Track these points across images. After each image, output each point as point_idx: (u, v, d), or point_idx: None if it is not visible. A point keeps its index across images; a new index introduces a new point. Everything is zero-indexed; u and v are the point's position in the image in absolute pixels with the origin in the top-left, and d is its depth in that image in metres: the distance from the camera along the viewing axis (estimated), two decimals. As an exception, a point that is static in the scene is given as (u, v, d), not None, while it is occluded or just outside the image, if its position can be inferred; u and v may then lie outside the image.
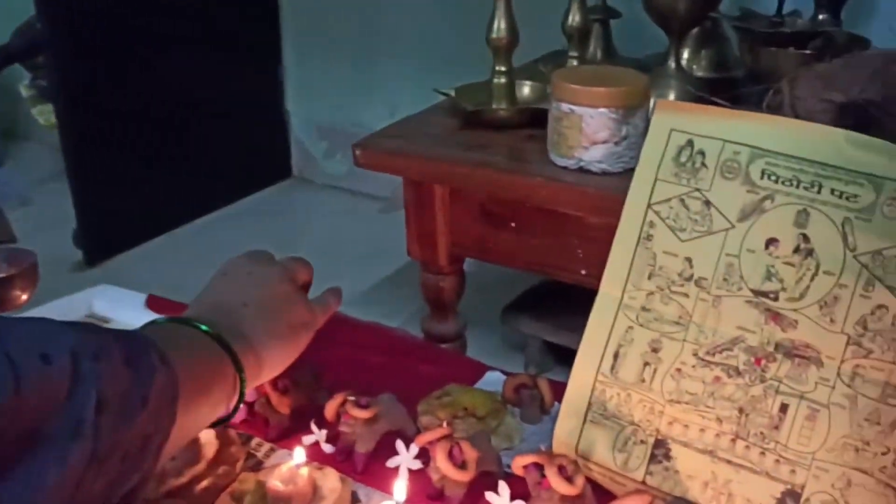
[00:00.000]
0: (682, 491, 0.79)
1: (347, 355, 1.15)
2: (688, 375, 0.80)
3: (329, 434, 0.93)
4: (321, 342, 1.23)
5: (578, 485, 0.77)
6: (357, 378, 1.08)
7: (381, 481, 0.87)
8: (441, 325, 1.40)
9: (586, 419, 0.86)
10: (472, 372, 1.11)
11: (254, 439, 0.94)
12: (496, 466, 0.87)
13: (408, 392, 0.98)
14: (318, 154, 3.13)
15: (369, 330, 1.27)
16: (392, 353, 1.17)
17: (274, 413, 0.94)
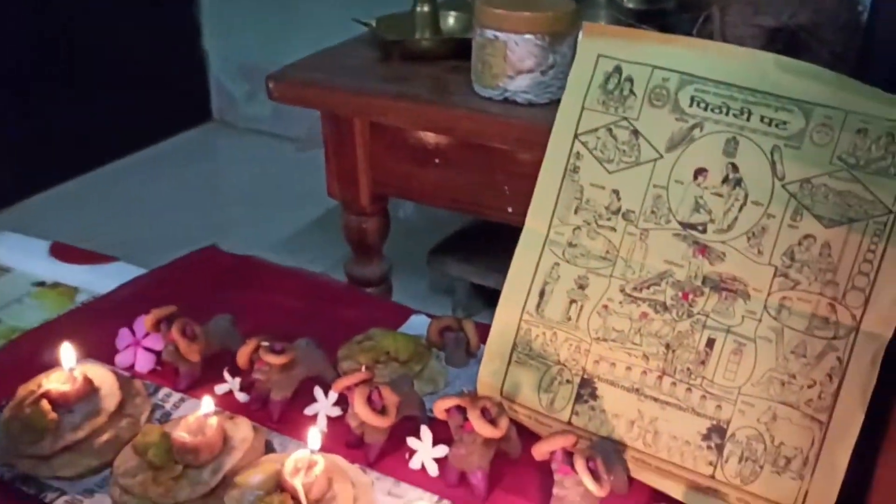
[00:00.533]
0: (609, 430, 0.79)
1: (266, 301, 1.12)
2: (615, 312, 0.79)
3: (243, 382, 0.89)
4: (238, 288, 1.19)
5: (502, 427, 0.75)
6: (276, 324, 1.04)
7: (299, 430, 0.84)
8: (365, 268, 1.36)
9: (511, 360, 0.84)
10: (396, 316, 1.09)
11: (162, 390, 0.90)
12: (419, 411, 0.85)
13: (329, 338, 0.95)
14: (239, 95, 3.02)
15: (289, 275, 1.22)
16: (313, 298, 1.14)
17: (183, 362, 0.90)
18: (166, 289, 1.15)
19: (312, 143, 1.51)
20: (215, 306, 1.03)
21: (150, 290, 1.15)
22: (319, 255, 1.80)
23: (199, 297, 1.10)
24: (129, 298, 1.12)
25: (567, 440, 0.71)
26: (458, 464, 0.77)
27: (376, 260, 1.37)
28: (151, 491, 0.72)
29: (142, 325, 0.95)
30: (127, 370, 0.94)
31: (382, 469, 0.80)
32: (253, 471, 0.73)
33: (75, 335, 0.91)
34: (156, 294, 1.12)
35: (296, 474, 0.71)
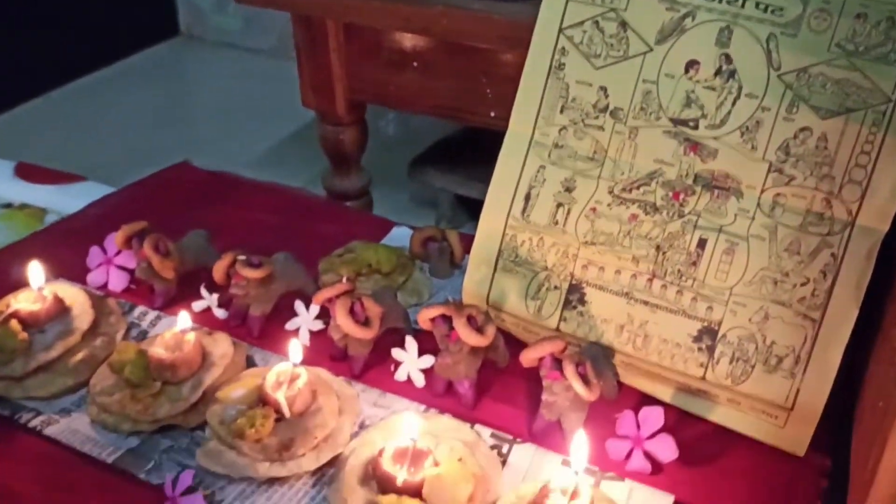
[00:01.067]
0: (597, 335, 0.78)
1: (242, 218, 1.10)
2: (603, 215, 0.77)
3: (221, 298, 0.88)
4: (213, 205, 1.16)
5: (489, 335, 0.74)
6: (253, 240, 1.02)
7: (280, 345, 0.82)
8: (343, 181, 1.33)
9: (497, 268, 0.83)
10: (377, 229, 1.07)
11: (137, 308, 0.88)
12: (403, 323, 0.84)
13: (309, 252, 0.94)
14: (206, 7, 2.91)
15: (265, 190, 1.20)
16: (290, 213, 1.12)
17: (158, 279, 0.88)
18: (138, 207, 1.12)
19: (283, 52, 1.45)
20: (189, 224, 1.01)
21: (121, 209, 1.12)
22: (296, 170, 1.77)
23: (172, 215, 1.07)
24: (99, 217, 1.09)
25: (556, 345, 0.70)
26: (445, 374, 0.76)
27: (355, 172, 1.34)
28: (130, 408, 0.72)
29: (113, 242, 0.93)
30: (100, 289, 0.92)
31: (367, 381, 0.79)
32: (234, 385, 0.72)
33: (44, 255, 0.88)
34: (127, 212, 1.09)
35: (278, 387, 0.70)
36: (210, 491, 0.66)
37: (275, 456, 0.67)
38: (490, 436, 0.73)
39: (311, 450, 0.68)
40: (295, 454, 0.67)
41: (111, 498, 0.67)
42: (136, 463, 0.69)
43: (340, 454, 0.69)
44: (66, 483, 0.69)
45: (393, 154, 1.76)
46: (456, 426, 0.72)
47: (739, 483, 0.69)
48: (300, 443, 0.68)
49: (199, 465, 0.68)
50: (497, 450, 0.71)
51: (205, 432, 0.71)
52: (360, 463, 0.67)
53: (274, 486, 0.67)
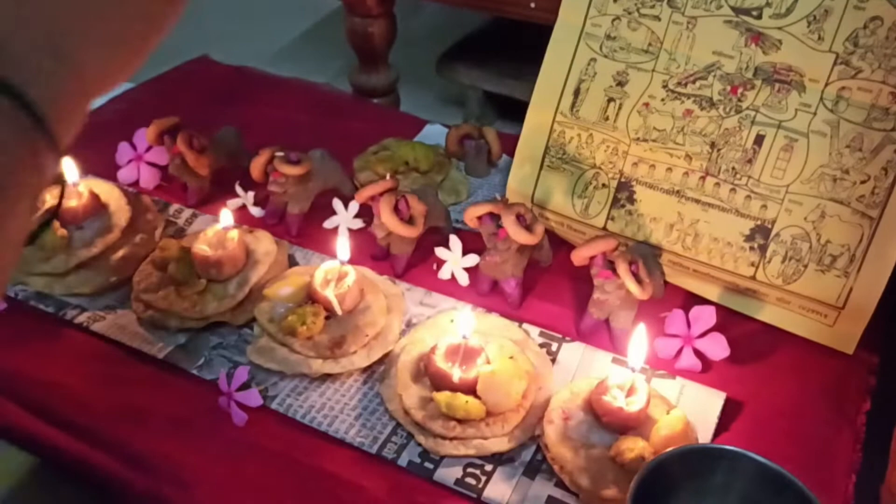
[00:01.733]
0: (646, 235, 0.77)
1: (268, 115, 1.08)
2: (656, 110, 0.75)
3: (257, 196, 0.88)
4: (237, 101, 1.14)
5: (538, 233, 0.74)
6: (282, 138, 1.00)
7: (319, 244, 0.84)
8: (371, 76, 1.30)
9: (543, 165, 0.82)
10: (408, 127, 1.06)
11: (172, 206, 0.88)
12: (444, 222, 0.83)
13: (340, 150, 0.92)
14: None
15: (291, 86, 1.17)
16: (319, 109, 1.10)
17: (192, 176, 0.87)
18: (160, 102, 1.10)
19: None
20: (214, 120, 0.99)
21: (144, 104, 1.10)
22: (316, 66, 1.72)
23: (195, 111, 1.05)
24: (121, 113, 1.07)
25: (608, 244, 0.70)
26: (491, 272, 0.76)
27: (383, 68, 1.31)
28: (176, 305, 0.72)
29: (142, 138, 0.92)
30: (131, 187, 0.91)
31: (410, 280, 0.80)
32: (281, 283, 0.73)
33: (71, 151, 0.87)
34: (150, 107, 1.08)
35: (327, 285, 0.70)
36: (263, 387, 0.67)
37: (326, 353, 0.68)
38: (538, 334, 0.73)
39: (361, 347, 0.69)
40: (346, 351, 0.68)
41: (165, 392, 0.68)
42: (187, 359, 0.70)
43: (391, 352, 0.70)
44: (117, 378, 0.70)
45: (418, 51, 1.71)
46: (504, 325, 0.73)
47: (789, 380, 0.70)
48: (351, 340, 0.69)
49: (251, 361, 0.68)
50: (546, 348, 0.72)
51: (252, 330, 0.72)
52: (411, 360, 0.68)
53: (326, 382, 0.68)
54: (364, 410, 0.66)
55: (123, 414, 0.66)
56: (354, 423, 0.65)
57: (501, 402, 0.63)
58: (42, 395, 0.68)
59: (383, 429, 0.65)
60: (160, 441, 0.64)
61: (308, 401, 0.67)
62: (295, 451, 0.64)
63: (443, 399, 0.63)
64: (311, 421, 0.65)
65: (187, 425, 0.66)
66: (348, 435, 0.64)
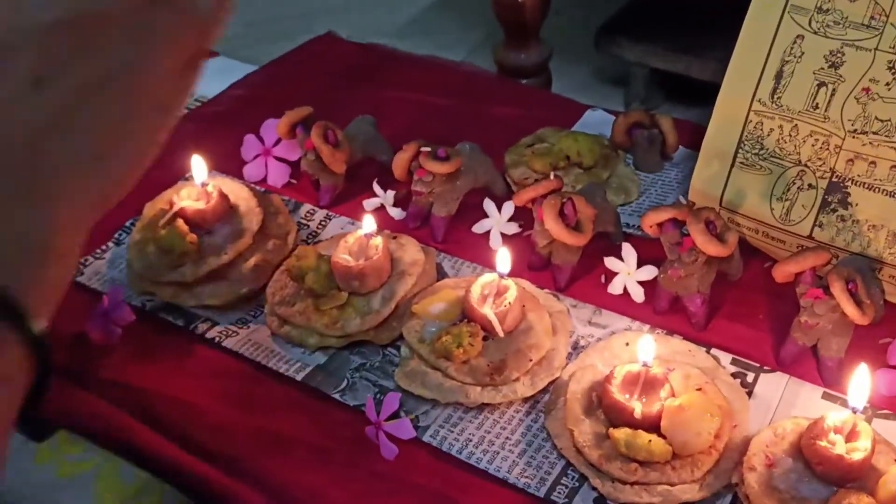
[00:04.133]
0: (863, 245, 0.76)
1: (403, 98, 1.11)
2: (879, 96, 0.74)
3: (397, 195, 0.91)
4: (367, 84, 1.18)
5: (730, 244, 0.74)
6: (419, 126, 1.05)
7: (468, 251, 0.86)
8: (520, 54, 1.31)
9: (735, 162, 0.81)
10: (565, 113, 1.06)
11: (303, 206, 0.92)
12: (614, 227, 0.84)
13: (487, 140, 0.94)
14: None
15: (427, 65, 1.21)
16: (460, 92, 1.13)
17: (326, 173, 0.91)
18: (284, 87, 1.15)
19: None
20: (343, 106, 1.03)
21: (267, 89, 1.15)
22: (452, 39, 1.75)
23: (323, 96, 1.10)
24: (244, 100, 1.13)
25: (819, 258, 0.69)
26: (672, 288, 0.76)
27: (534, 43, 1.32)
28: (315, 321, 0.75)
29: (271, 130, 0.96)
30: (258, 184, 0.96)
31: (576, 295, 0.81)
32: (432, 298, 0.75)
33: (190, 146, 0.92)
34: (274, 93, 1.13)
35: (484, 302, 0.72)
36: (414, 416, 0.70)
37: (485, 380, 0.69)
38: (730, 362, 0.73)
39: (524, 373, 0.71)
40: (508, 378, 0.70)
41: (306, 417, 0.72)
42: (328, 381, 0.74)
43: (557, 379, 0.71)
44: (253, 400, 0.74)
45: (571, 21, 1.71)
46: (689, 349, 0.73)
47: None
48: (513, 365, 0.70)
49: (399, 386, 0.71)
50: (740, 379, 0.71)
51: (399, 350, 0.75)
52: (581, 389, 0.69)
53: (484, 412, 0.70)
54: (528, 446, 0.68)
55: (262, 441, 0.70)
56: (518, 461, 0.67)
57: (691, 442, 0.63)
58: (174, 416, 0.72)
59: (551, 468, 0.66)
60: (302, 473, 0.68)
61: (465, 433, 0.69)
62: (451, 489, 0.66)
63: (622, 437, 0.63)
64: (468, 457, 0.67)
65: (330, 456, 0.69)
66: (511, 474, 0.66)
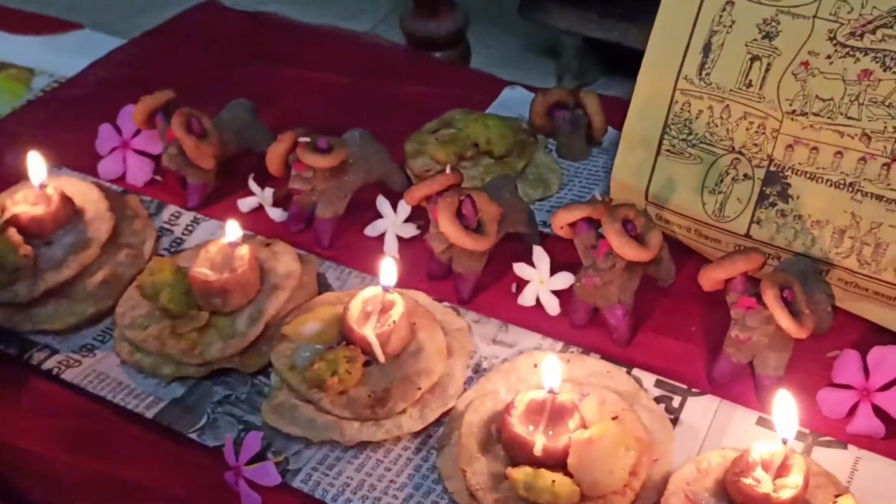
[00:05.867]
0: (806, 245, 0.76)
1: (298, 78, 1.11)
2: (819, 72, 0.74)
3: (277, 194, 0.89)
4: (254, 60, 1.15)
5: (653, 246, 0.73)
6: (314, 111, 1.04)
7: (359, 258, 0.84)
8: (431, 22, 1.30)
9: (660, 149, 0.81)
10: (482, 91, 1.06)
11: (167, 208, 0.91)
12: (527, 227, 0.84)
13: (391, 126, 0.94)
14: None
15: (325, 37, 1.20)
16: (362, 69, 1.12)
17: (192, 169, 0.89)
18: (155, 67, 1.14)
19: None
20: (225, 88, 1.02)
21: (135, 69, 1.13)
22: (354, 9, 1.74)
23: (201, 77, 1.08)
24: (106, 82, 1.11)
25: (751, 261, 0.69)
26: (590, 298, 0.76)
27: (446, 10, 1.32)
28: (171, 347, 0.74)
29: (129, 119, 0.94)
30: (115, 183, 0.94)
31: (481, 309, 0.80)
32: (306, 317, 0.74)
33: (38, 137, 0.90)
34: (142, 73, 1.11)
35: (366, 320, 0.71)
36: (282, 457, 0.68)
37: (366, 413, 0.68)
38: (655, 384, 0.72)
39: (412, 404, 0.69)
40: (392, 410, 0.68)
41: (156, 462, 0.70)
42: (184, 419, 0.72)
43: (452, 409, 0.70)
44: (92, 442, 0.71)
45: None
46: (607, 370, 0.72)
47: None
48: (399, 395, 0.69)
49: (266, 423, 0.69)
50: (665, 403, 0.71)
51: (269, 379, 0.73)
52: (479, 421, 0.68)
53: (366, 451, 0.69)
54: (416, 490, 0.67)
55: (104, 491, 0.69)
56: (403, 509, 0.66)
57: (601, 482, 0.62)
58: (0, 464, 0.70)
59: (441, 516, 0.65)
60: (149, 529, 0.66)
61: (342, 476, 0.67)
62: (324, 544, 0.65)
63: (520, 477, 0.62)
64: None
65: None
66: (395, 524, 0.65)
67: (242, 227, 0.79)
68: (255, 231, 0.86)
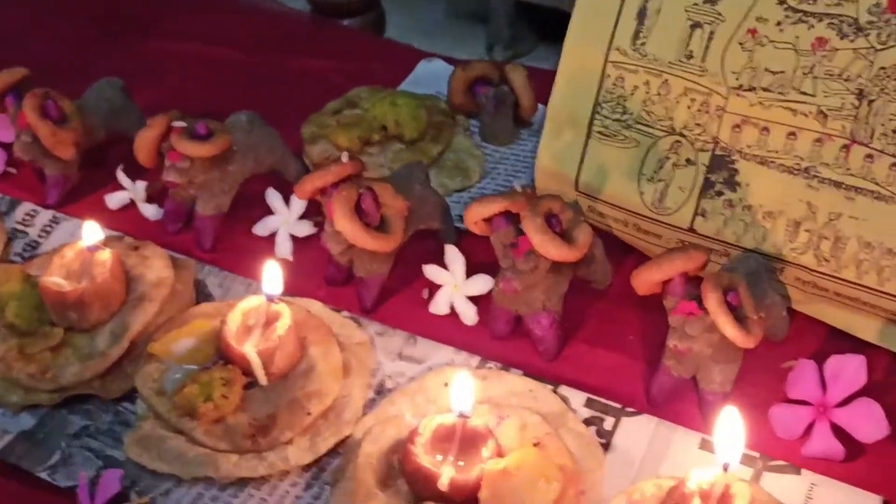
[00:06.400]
0: (757, 239, 0.76)
1: (180, 53, 1.11)
2: (769, 41, 0.74)
3: (150, 188, 0.89)
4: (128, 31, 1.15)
5: (581, 244, 0.73)
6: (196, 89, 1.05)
7: (246, 261, 0.84)
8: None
9: (591, 131, 0.81)
10: (395, 64, 1.08)
11: (21, 206, 0.90)
12: (441, 222, 0.84)
13: (285, 107, 0.95)
14: None
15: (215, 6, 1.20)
16: (255, 41, 1.13)
17: (50, 159, 0.89)
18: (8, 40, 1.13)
19: None
20: (92, 66, 1.01)
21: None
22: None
23: (62, 50, 1.08)
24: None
25: (691, 260, 0.69)
26: (510, 305, 0.76)
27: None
28: (18, 370, 0.73)
29: (-26, 102, 0.93)
30: (-41, 177, 0.93)
31: (387, 318, 0.80)
32: (177, 333, 0.73)
33: None
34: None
35: (247, 336, 0.70)
36: (147, 499, 0.67)
37: (246, 444, 0.68)
38: (584, 403, 0.73)
39: (301, 433, 0.69)
40: (277, 440, 0.68)
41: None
42: (34, 454, 0.71)
43: (348, 438, 0.70)
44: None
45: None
46: (530, 389, 0.72)
47: None
48: (285, 422, 0.68)
49: (130, 458, 0.69)
50: (596, 426, 0.71)
51: (136, 406, 0.73)
52: (379, 451, 0.67)
53: (247, 489, 0.68)
54: (305, 534, 0.66)
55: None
56: (289, 556, 0.65)
57: (519, 519, 0.62)
58: None
59: (335, 564, 0.65)
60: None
61: (218, 520, 0.67)
62: None
63: (425, 516, 0.62)
64: (221, 552, 0.65)
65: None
66: (280, 574, 0.64)
67: (111, 227, 0.79)
68: (127, 232, 0.85)
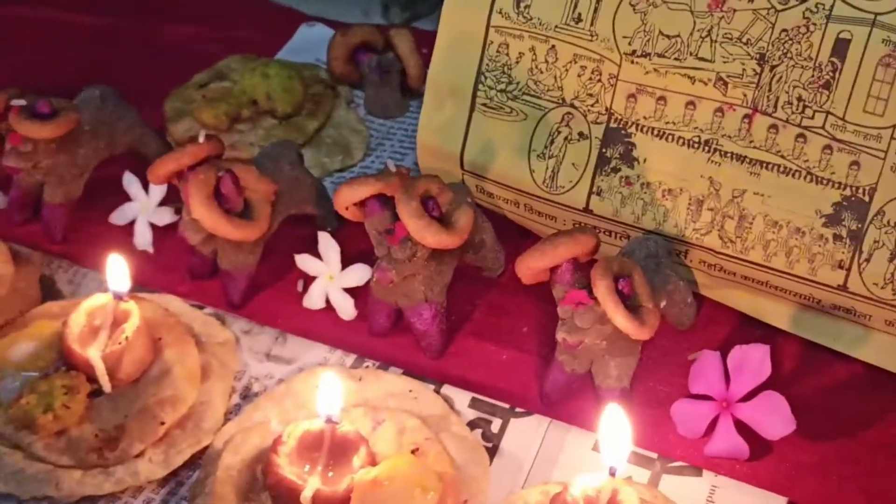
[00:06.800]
0: (658, 219, 0.77)
1: (21, 17, 1.11)
2: (663, 1, 0.75)
3: None
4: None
5: (461, 228, 0.73)
6: (44, 62, 1.05)
7: (102, 253, 0.80)
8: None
9: (474, 104, 0.82)
10: (270, 30, 1.08)
11: None
12: (316, 206, 0.84)
13: (147, 80, 0.95)
14: None
15: None
16: (114, 4, 1.13)
17: None
18: None
19: None
20: None
21: None
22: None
23: None
24: None
25: (579, 244, 0.69)
26: (389, 297, 0.76)
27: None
28: None
29: None
30: None
31: (256, 315, 0.80)
32: (16, 336, 0.73)
33: None
34: None
35: (93, 338, 0.70)
36: (-19, 522, 0.67)
37: (91, 458, 0.67)
38: (469, 404, 0.73)
39: (154, 444, 0.69)
40: (127, 453, 0.68)
41: None
42: None
43: (208, 448, 0.70)
44: None
45: None
46: (409, 389, 0.73)
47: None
48: (135, 433, 0.68)
49: (-39, 477, 0.68)
50: (481, 429, 0.72)
51: (-32, 419, 0.72)
52: (241, 462, 0.67)
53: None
54: (158, 556, 0.66)
55: None
56: (140, 581, 0.65)
57: (392, 534, 0.63)
58: None
59: (190, 588, 0.65)
60: None
61: (60, 544, 0.67)
62: None
63: (288, 533, 0.63)
64: (64, 580, 0.65)
65: None
66: None
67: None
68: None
